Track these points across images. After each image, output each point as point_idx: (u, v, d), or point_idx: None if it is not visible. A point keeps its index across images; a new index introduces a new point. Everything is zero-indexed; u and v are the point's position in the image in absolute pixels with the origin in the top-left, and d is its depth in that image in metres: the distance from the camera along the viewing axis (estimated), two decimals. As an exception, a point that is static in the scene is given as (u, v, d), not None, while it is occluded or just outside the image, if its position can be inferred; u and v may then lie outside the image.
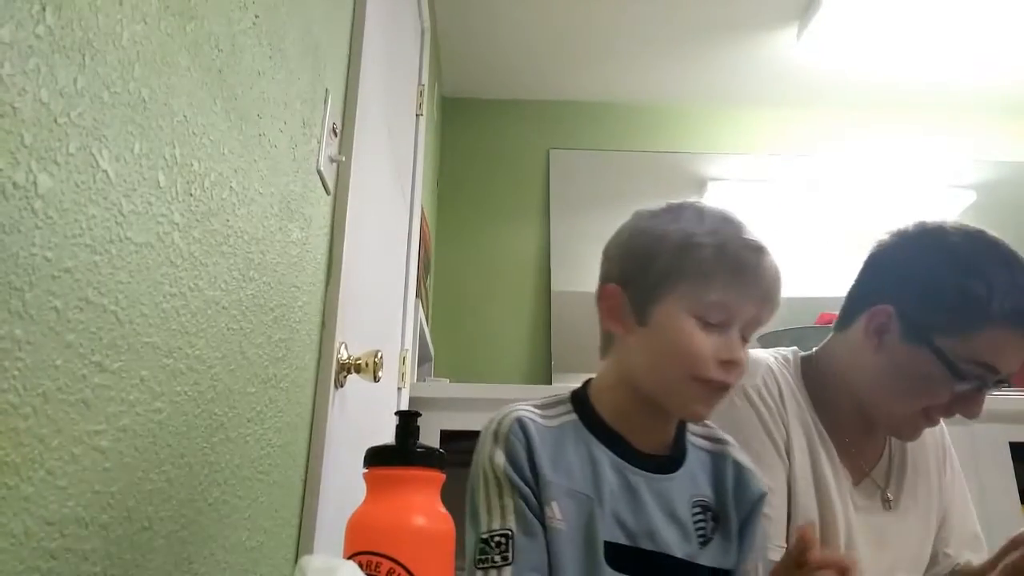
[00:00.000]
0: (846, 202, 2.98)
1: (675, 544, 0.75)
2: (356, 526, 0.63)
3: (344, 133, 1.17)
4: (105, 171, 0.51)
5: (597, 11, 2.57)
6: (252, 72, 0.78)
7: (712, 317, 0.74)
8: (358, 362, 1.12)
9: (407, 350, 1.78)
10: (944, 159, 3.05)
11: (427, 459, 0.64)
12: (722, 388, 0.75)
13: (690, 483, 0.79)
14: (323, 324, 1.08)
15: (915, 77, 2.89)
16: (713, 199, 2.93)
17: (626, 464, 0.77)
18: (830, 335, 1.03)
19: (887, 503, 0.97)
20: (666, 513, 0.76)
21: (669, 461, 0.79)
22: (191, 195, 0.64)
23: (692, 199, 0.84)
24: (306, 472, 1.00)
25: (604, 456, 0.77)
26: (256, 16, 0.79)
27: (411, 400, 1.80)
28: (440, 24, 2.60)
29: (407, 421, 0.66)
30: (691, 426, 0.83)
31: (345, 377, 1.11)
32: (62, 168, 0.46)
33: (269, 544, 0.86)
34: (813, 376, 1.01)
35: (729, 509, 0.79)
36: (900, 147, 3.08)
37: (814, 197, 2.98)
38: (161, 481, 0.60)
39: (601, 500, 0.74)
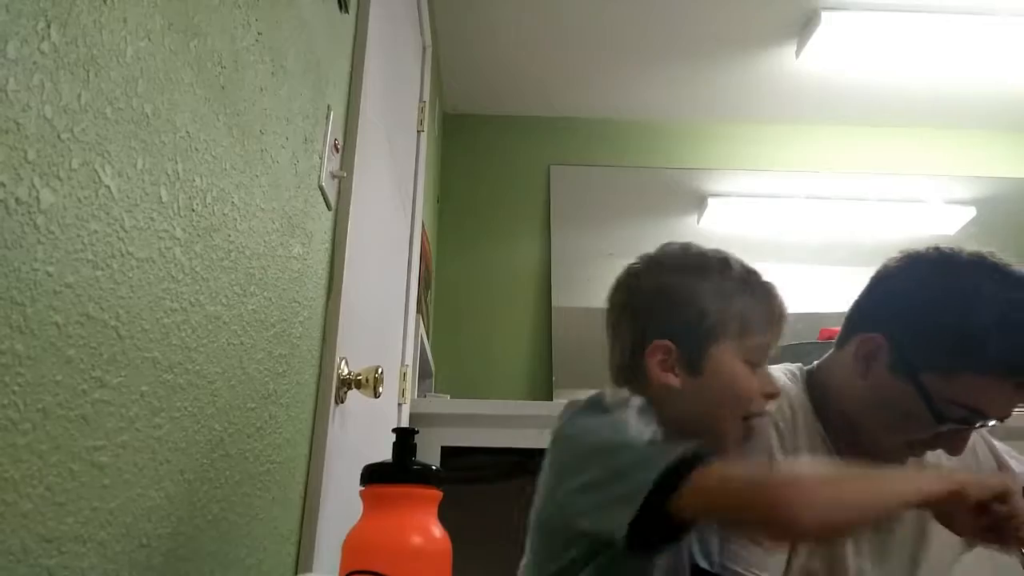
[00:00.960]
0: (845, 217, 2.98)
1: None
2: (353, 544, 0.62)
3: (345, 149, 1.17)
4: (107, 186, 0.51)
5: (597, 28, 2.59)
6: (254, 88, 0.79)
7: (755, 357, 0.82)
8: (358, 378, 1.12)
9: (407, 366, 1.78)
10: (944, 175, 3.06)
11: (424, 476, 0.64)
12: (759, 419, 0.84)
13: None
14: (324, 339, 1.08)
15: (914, 93, 2.90)
16: (713, 215, 2.95)
17: None
18: (831, 351, 1.02)
19: (888, 525, 0.96)
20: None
21: None
22: (193, 210, 0.64)
23: (693, 245, 0.88)
24: (306, 489, 1.00)
25: None
26: (259, 33, 0.80)
27: (411, 416, 1.79)
28: (441, 41, 2.62)
29: (404, 438, 0.65)
30: None
31: (345, 393, 1.11)
32: (64, 183, 0.46)
33: (268, 561, 0.85)
34: (816, 391, 0.99)
35: None
36: (900, 162, 3.09)
37: (813, 213, 2.99)
38: (160, 498, 0.59)
39: None
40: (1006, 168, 3.08)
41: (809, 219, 2.98)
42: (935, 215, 3.02)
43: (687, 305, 0.83)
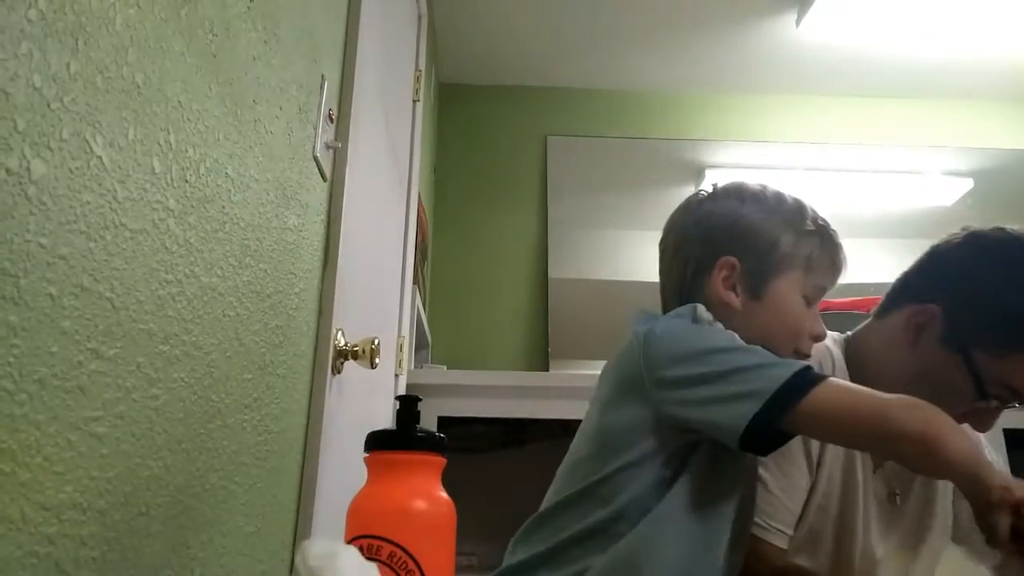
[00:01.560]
0: (844, 189, 2.98)
1: None
2: (357, 510, 0.63)
3: (340, 119, 1.16)
4: (99, 157, 0.50)
5: (595, -4, 2.55)
6: (247, 58, 0.78)
7: (813, 296, 0.86)
8: (355, 349, 1.12)
9: (404, 337, 1.78)
10: (941, 146, 3.05)
11: (428, 443, 0.64)
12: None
13: None
14: (320, 311, 1.08)
15: (913, 64, 2.88)
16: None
17: None
18: (868, 320, 1.01)
19: (893, 497, 0.97)
20: None
21: None
22: (186, 181, 0.64)
23: (769, 185, 0.91)
24: (303, 458, 1.01)
25: None
26: (250, 1, 0.78)
27: (408, 387, 1.80)
28: (437, 10, 2.58)
29: (408, 406, 0.66)
30: None
31: (342, 364, 1.11)
32: (56, 154, 0.46)
33: (266, 530, 0.86)
34: (853, 359, 0.99)
35: None
36: (898, 133, 3.07)
37: (811, 184, 2.98)
38: (158, 467, 0.60)
39: None
40: (1004, 140, 3.06)
41: (808, 191, 2.97)
42: (933, 186, 3.01)
43: (760, 232, 0.86)
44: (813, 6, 2.49)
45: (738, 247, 0.85)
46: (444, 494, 0.64)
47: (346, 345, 1.11)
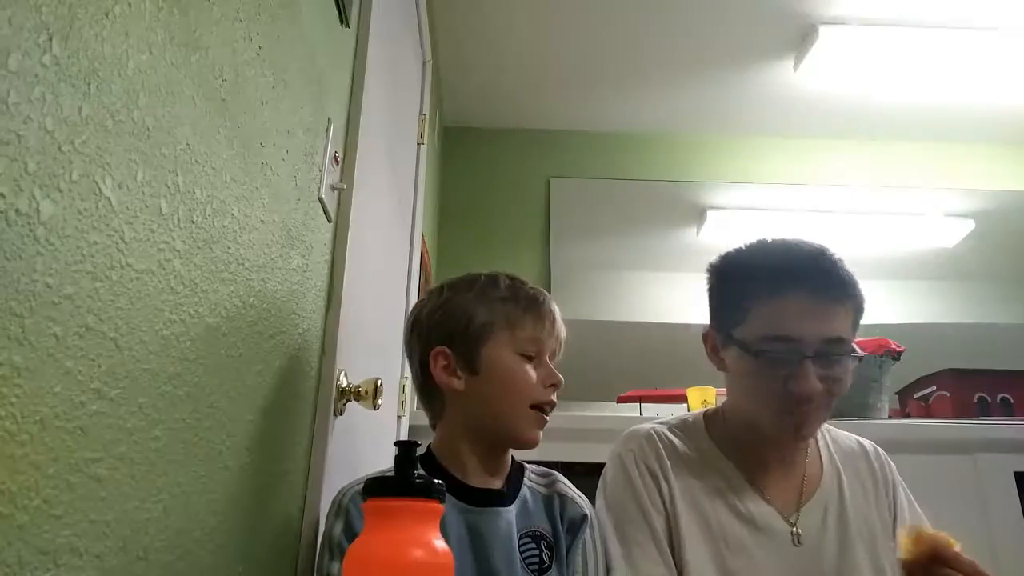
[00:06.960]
0: (845, 231, 2.99)
1: (508, 570, 0.84)
2: (354, 559, 0.62)
3: (346, 161, 1.18)
4: (108, 198, 0.51)
5: (596, 43, 2.61)
6: (255, 101, 0.79)
7: (532, 350, 0.92)
8: (358, 389, 1.12)
9: (407, 378, 1.77)
10: (942, 187, 3.07)
11: (426, 490, 0.63)
12: (551, 408, 0.93)
13: (523, 517, 0.90)
14: (323, 351, 1.08)
15: (913, 106, 2.92)
16: (713, 227, 2.95)
17: (465, 505, 0.87)
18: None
19: (795, 538, 0.96)
20: (505, 543, 0.86)
21: (507, 494, 0.91)
22: (193, 222, 0.64)
23: (474, 272, 0.99)
24: (304, 501, 0.99)
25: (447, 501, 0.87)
26: (260, 47, 0.80)
27: (411, 428, 1.78)
28: (441, 55, 2.64)
29: (406, 451, 0.65)
30: (530, 472, 0.97)
31: (344, 405, 1.11)
32: (65, 195, 0.46)
33: (266, 574, 0.85)
34: (723, 426, 1.04)
35: (561, 538, 0.90)
36: (898, 175, 3.10)
37: (813, 226, 3.00)
38: (157, 510, 0.59)
39: (448, 542, 0.82)
40: (1005, 181, 3.09)
41: (808, 232, 2.98)
42: (935, 228, 3.03)
43: (455, 314, 0.92)
44: (811, 51, 2.54)
45: (443, 335, 0.92)
46: (442, 543, 0.63)
47: (349, 386, 1.11)
